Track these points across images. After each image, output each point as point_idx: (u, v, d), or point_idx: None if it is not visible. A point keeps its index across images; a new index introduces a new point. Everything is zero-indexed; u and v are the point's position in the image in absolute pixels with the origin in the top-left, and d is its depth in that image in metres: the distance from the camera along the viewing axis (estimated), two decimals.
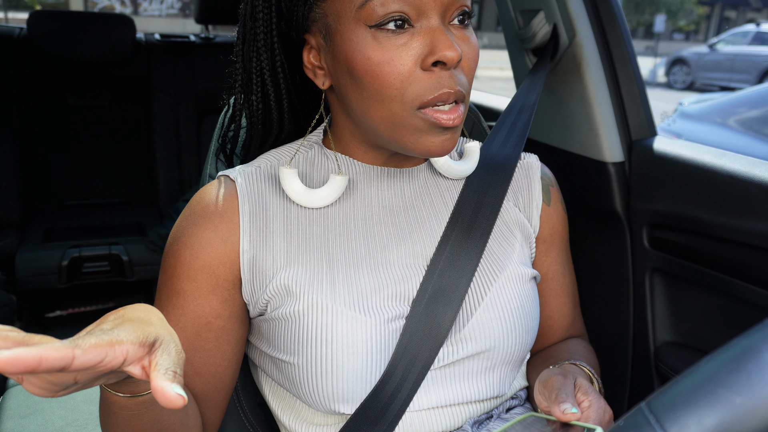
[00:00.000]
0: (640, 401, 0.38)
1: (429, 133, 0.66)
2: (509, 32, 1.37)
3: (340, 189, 0.73)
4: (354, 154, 0.76)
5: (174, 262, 0.72)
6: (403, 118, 0.65)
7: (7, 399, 1.13)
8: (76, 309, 2.45)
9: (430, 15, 0.64)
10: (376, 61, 0.63)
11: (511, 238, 0.81)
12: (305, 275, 0.70)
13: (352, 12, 0.63)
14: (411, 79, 0.64)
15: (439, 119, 0.65)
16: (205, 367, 0.72)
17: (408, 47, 0.63)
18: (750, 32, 13.79)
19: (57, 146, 2.67)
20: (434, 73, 0.64)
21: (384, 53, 0.63)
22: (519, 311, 0.75)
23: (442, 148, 0.67)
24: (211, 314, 0.72)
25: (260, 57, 0.72)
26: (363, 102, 0.66)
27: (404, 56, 0.63)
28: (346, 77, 0.67)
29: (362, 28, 0.64)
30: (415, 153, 0.68)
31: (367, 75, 0.64)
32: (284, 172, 0.73)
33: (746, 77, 11.97)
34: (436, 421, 0.73)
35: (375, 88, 0.64)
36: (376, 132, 0.69)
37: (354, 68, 0.65)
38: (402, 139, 0.67)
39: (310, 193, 0.73)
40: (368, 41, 0.63)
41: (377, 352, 0.68)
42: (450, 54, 0.62)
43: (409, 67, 0.63)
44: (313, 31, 0.69)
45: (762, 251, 0.96)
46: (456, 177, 0.79)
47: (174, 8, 18.83)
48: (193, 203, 0.74)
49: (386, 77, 0.63)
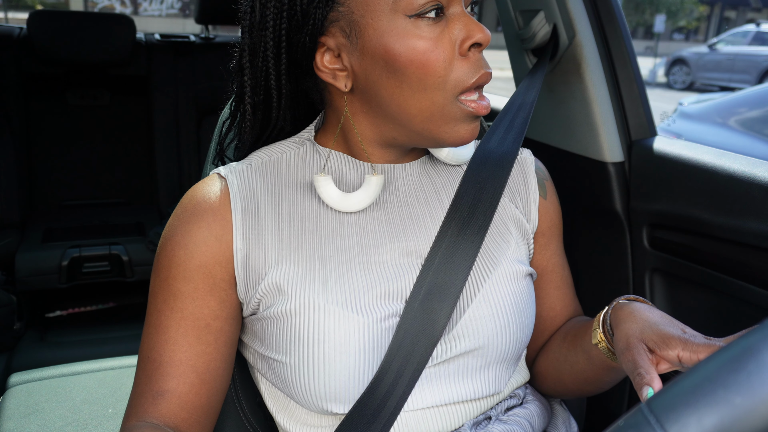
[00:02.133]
0: (640, 401, 0.38)
1: (464, 122, 0.69)
2: (509, 32, 1.37)
3: (377, 190, 0.73)
4: (351, 151, 0.76)
5: (168, 262, 0.71)
6: (443, 107, 0.67)
7: (7, 399, 1.13)
8: (76, 309, 2.45)
9: (456, 2, 0.67)
10: (421, 50, 0.65)
11: (506, 235, 0.81)
12: (297, 274, 0.70)
13: (388, 3, 0.64)
14: (453, 65, 0.66)
15: (477, 108, 0.68)
16: (209, 371, 0.72)
17: (446, 34, 0.66)
18: (750, 32, 13.80)
19: (57, 146, 2.66)
20: (469, 58, 0.67)
21: (427, 41, 0.65)
22: (513, 308, 0.75)
23: (472, 135, 0.71)
24: (210, 316, 0.71)
25: (268, 63, 0.71)
26: (402, 95, 0.67)
27: (446, 42, 0.66)
28: (381, 72, 0.66)
29: (401, 19, 0.65)
30: (447, 143, 0.70)
31: (412, 65, 0.65)
32: (319, 180, 0.73)
33: (746, 77, 11.98)
34: (433, 421, 0.73)
35: (418, 78, 0.65)
36: (407, 125, 0.70)
37: (396, 60, 0.65)
38: (437, 129, 0.69)
39: (346, 197, 0.73)
40: (410, 30, 0.65)
41: (370, 351, 0.68)
42: (484, 35, 0.67)
43: (450, 53, 0.66)
44: (332, 32, 0.68)
45: (762, 251, 0.96)
46: (459, 162, 0.80)
47: (174, 8, 18.83)
48: (184, 202, 0.74)
49: (432, 65, 0.65)
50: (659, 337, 0.63)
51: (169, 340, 0.70)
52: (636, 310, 0.69)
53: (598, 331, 0.74)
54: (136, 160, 2.78)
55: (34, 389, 1.16)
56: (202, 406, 0.72)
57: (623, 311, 0.70)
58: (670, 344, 0.62)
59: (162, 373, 0.70)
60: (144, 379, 0.71)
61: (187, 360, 0.70)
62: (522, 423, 0.78)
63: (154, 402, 0.70)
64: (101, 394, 1.16)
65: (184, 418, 0.70)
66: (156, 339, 0.71)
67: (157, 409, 0.69)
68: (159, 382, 0.70)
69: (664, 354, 0.62)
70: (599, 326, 0.74)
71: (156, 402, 0.70)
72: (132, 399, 0.72)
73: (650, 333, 0.64)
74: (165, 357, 0.70)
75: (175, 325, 0.70)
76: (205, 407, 0.72)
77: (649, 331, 0.65)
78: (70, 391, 1.16)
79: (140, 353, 0.73)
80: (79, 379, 1.19)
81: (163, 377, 0.70)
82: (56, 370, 1.22)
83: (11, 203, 2.39)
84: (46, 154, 2.65)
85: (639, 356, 0.63)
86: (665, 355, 0.62)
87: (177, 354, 0.70)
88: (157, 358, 0.70)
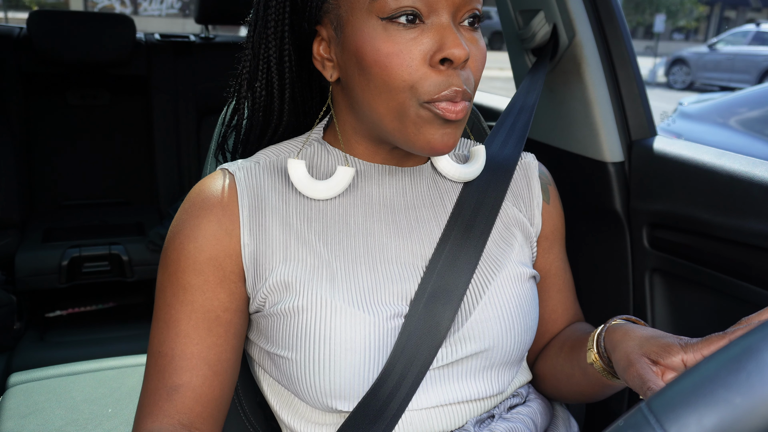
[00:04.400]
0: (640, 401, 0.38)
1: (431, 125, 0.66)
2: (509, 32, 1.37)
3: (347, 180, 0.73)
4: (355, 151, 0.77)
5: (177, 256, 0.71)
6: (409, 108, 0.66)
7: (7, 399, 1.13)
8: (76, 309, 2.45)
9: (441, 13, 0.65)
10: (385, 53, 0.64)
11: (510, 238, 0.81)
12: (304, 271, 0.70)
13: (365, 3, 0.65)
14: (419, 74, 0.64)
15: (444, 112, 0.65)
16: (220, 363, 0.72)
17: (417, 42, 0.64)
18: (750, 32, 13.79)
19: (57, 146, 2.66)
20: (441, 72, 0.65)
21: (393, 46, 0.64)
22: (517, 310, 0.75)
23: (443, 144, 0.67)
24: (220, 308, 0.71)
25: (269, 45, 0.73)
26: (370, 93, 0.67)
27: (413, 50, 0.64)
28: (354, 68, 0.67)
29: (374, 20, 0.65)
30: (416, 148, 0.68)
31: (376, 66, 0.65)
32: (292, 162, 0.73)
33: (746, 77, 11.97)
34: (437, 420, 0.73)
35: (383, 80, 0.65)
36: (380, 124, 0.69)
37: (363, 59, 0.66)
38: (405, 131, 0.67)
39: (316, 184, 0.73)
40: (379, 33, 0.64)
41: (376, 349, 0.68)
42: (458, 52, 0.63)
43: (418, 62, 0.64)
44: (325, 23, 0.70)
45: (762, 251, 0.96)
46: (459, 180, 0.79)
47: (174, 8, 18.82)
48: (192, 196, 0.74)
49: (394, 69, 0.64)
50: (660, 347, 0.63)
51: (181, 333, 0.70)
52: (630, 330, 0.69)
53: (592, 351, 0.74)
54: (136, 160, 2.78)
55: (34, 389, 1.15)
56: (215, 399, 0.72)
57: (617, 333, 0.70)
58: (672, 351, 0.62)
59: (175, 367, 0.70)
60: (156, 374, 0.71)
61: (199, 353, 0.70)
62: (525, 421, 0.78)
63: (169, 397, 0.69)
64: (101, 394, 1.16)
65: (199, 412, 0.70)
66: (167, 333, 0.71)
67: (172, 405, 0.69)
68: (173, 377, 0.70)
69: (668, 362, 0.62)
70: (593, 346, 0.74)
71: (171, 397, 0.69)
72: (145, 396, 0.72)
73: (650, 345, 0.64)
74: (177, 351, 0.70)
75: (186, 318, 0.70)
76: (218, 400, 0.72)
77: (648, 344, 0.65)
78: (70, 391, 1.16)
79: (150, 349, 0.73)
80: (79, 379, 1.19)
81: (176, 371, 0.70)
82: (56, 370, 1.22)
83: (11, 203, 2.39)
84: (46, 154, 2.65)
85: (644, 370, 0.62)
86: (669, 363, 0.62)
87: (189, 347, 0.70)
88: (169, 352, 0.70)
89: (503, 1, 1.34)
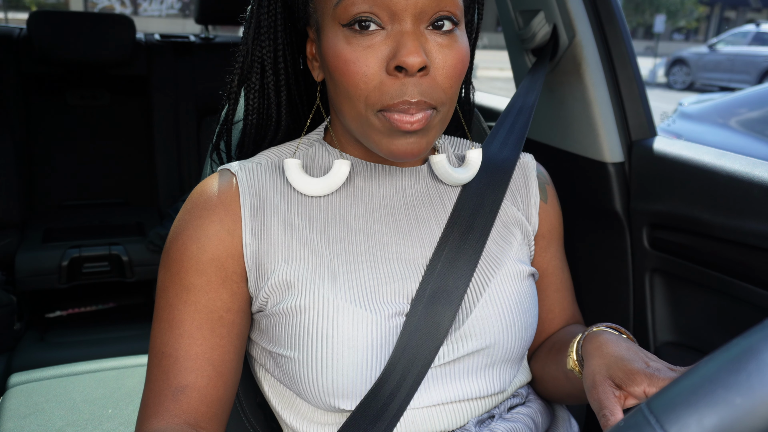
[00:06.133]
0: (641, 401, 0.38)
1: (391, 136, 0.66)
2: (509, 32, 1.37)
3: (343, 173, 0.73)
4: (351, 151, 0.77)
5: (180, 256, 0.71)
6: (367, 118, 0.66)
7: (7, 399, 1.13)
8: (76, 309, 2.45)
9: (403, 18, 0.63)
10: (343, 60, 0.65)
11: (509, 237, 0.81)
12: (306, 270, 0.70)
13: (330, 10, 0.65)
14: (375, 81, 0.64)
15: (396, 122, 0.64)
16: (224, 364, 0.72)
17: (374, 49, 0.64)
18: (750, 32, 13.80)
19: (57, 146, 2.66)
20: (398, 79, 0.64)
21: (351, 53, 0.64)
22: (517, 308, 0.75)
23: (407, 151, 0.67)
24: (223, 308, 0.71)
25: (263, 45, 0.74)
26: (339, 98, 0.68)
27: (369, 58, 0.64)
28: (327, 74, 0.69)
29: (336, 27, 0.65)
30: (382, 153, 0.69)
31: (337, 72, 0.66)
32: (288, 161, 0.74)
33: (746, 77, 11.98)
34: (438, 418, 0.73)
35: (344, 86, 0.66)
36: (350, 128, 0.70)
37: (329, 64, 0.67)
38: (370, 138, 0.68)
39: (313, 181, 0.73)
40: (340, 39, 0.65)
41: (378, 347, 0.68)
42: (411, 60, 0.62)
43: (374, 69, 0.64)
44: (311, 24, 0.71)
45: (762, 251, 0.96)
46: (453, 184, 0.79)
47: (174, 8, 18.84)
48: (194, 196, 0.74)
49: (351, 77, 0.64)
50: (625, 374, 0.63)
51: (184, 334, 0.70)
52: (604, 344, 0.69)
53: (571, 357, 0.74)
54: (136, 160, 2.78)
55: (34, 389, 1.16)
56: (219, 399, 0.72)
57: (592, 344, 0.70)
58: (636, 380, 0.62)
59: (180, 368, 0.70)
60: (160, 375, 0.71)
61: (203, 353, 0.70)
62: (526, 421, 0.78)
63: (175, 399, 0.69)
64: (101, 394, 1.16)
65: (204, 412, 0.70)
66: (170, 334, 0.71)
67: (177, 405, 0.69)
68: (178, 378, 0.70)
69: (631, 390, 0.62)
70: (573, 352, 0.74)
71: (177, 398, 0.69)
72: (149, 398, 0.71)
73: (616, 369, 0.64)
74: (181, 351, 0.70)
75: (189, 319, 0.70)
76: (222, 400, 0.72)
77: (614, 368, 0.65)
78: (70, 391, 1.16)
79: (152, 350, 0.72)
80: (79, 379, 1.19)
81: (181, 372, 0.70)
82: (56, 371, 1.22)
83: (11, 203, 2.39)
84: (46, 154, 2.65)
85: (605, 396, 0.63)
86: (632, 391, 0.62)
87: (193, 348, 0.70)
88: (173, 353, 0.70)
89: (503, 1, 1.34)
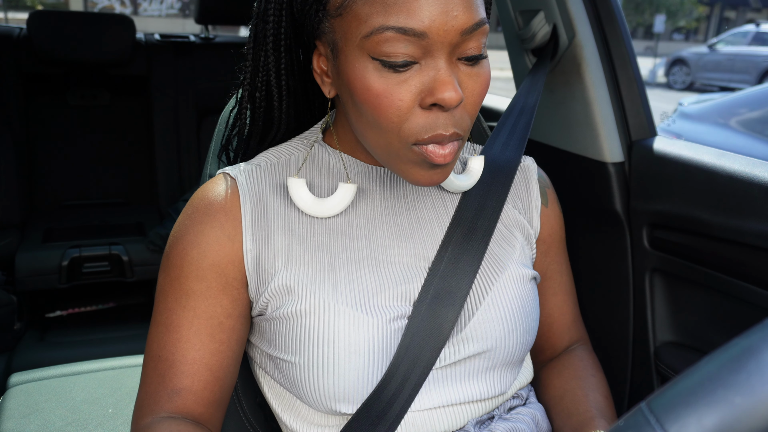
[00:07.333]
0: (640, 401, 0.38)
1: (420, 167, 0.66)
2: (509, 32, 1.37)
3: (349, 197, 0.73)
4: (357, 153, 0.77)
5: (180, 261, 0.71)
6: (398, 150, 0.65)
7: (7, 399, 1.13)
8: (76, 309, 2.45)
9: (437, 54, 0.62)
10: (375, 93, 0.62)
11: (512, 240, 0.81)
12: (307, 274, 0.70)
13: (357, 38, 0.62)
14: (408, 115, 0.63)
15: (431, 156, 0.64)
16: (221, 368, 0.72)
17: (409, 84, 0.62)
18: (750, 32, 13.79)
19: (57, 146, 2.66)
20: (432, 113, 0.63)
21: (384, 87, 0.62)
22: (520, 311, 0.75)
23: (433, 182, 0.68)
24: (223, 314, 0.71)
25: (268, 58, 0.72)
26: (362, 125, 0.66)
27: (404, 92, 0.62)
28: (348, 97, 0.66)
29: (365, 57, 0.62)
30: (407, 180, 0.69)
31: (366, 104, 0.63)
32: (292, 182, 0.72)
33: (746, 77, 11.98)
34: (438, 420, 0.73)
35: (373, 117, 0.64)
36: (372, 151, 0.69)
37: (354, 93, 0.64)
38: (394, 166, 0.68)
39: (319, 203, 0.72)
40: (370, 71, 0.62)
41: (379, 351, 0.68)
42: (449, 97, 0.61)
43: (408, 104, 0.62)
44: (323, 41, 0.68)
45: (762, 251, 0.96)
46: (454, 191, 0.79)
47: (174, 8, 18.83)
48: (195, 201, 0.74)
49: (384, 110, 0.62)
50: None
51: (182, 339, 0.70)
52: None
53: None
54: (136, 160, 2.78)
55: (34, 389, 1.15)
56: (215, 401, 0.72)
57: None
58: None
59: (176, 372, 0.70)
60: (156, 378, 0.71)
61: (201, 358, 0.70)
62: (525, 420, 0.78)
63: (170, 400, 0.70)
64: (101, 394, 1.16)
65: (201, 412, 0.71)
66: (167, 338, 0.71)
67: (172, 405, 0.70)
68: (173, 381, 0.70)
69: None
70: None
71: (172, 399, 0.70)
72: (143, 398, 0.72)
73: None
74: (178, 356, 0.70)
75: (188, 324, 0.70)
76: (218, 401, 0.73)
77: None
78: (70, 391, 1.16)
79: (148, 352, 0.72)
80: (79, 379, 1.19)
81: (177, 376, 0.70)
82: (56, 370, 1.22)
83: (11, 203, 2.39)
84: (46, 154, 2.65)
85: None
86: None
87: (190, 352, 0.70)
88: (170, 357, 0.70)
89: (503, 1, 1.34)
